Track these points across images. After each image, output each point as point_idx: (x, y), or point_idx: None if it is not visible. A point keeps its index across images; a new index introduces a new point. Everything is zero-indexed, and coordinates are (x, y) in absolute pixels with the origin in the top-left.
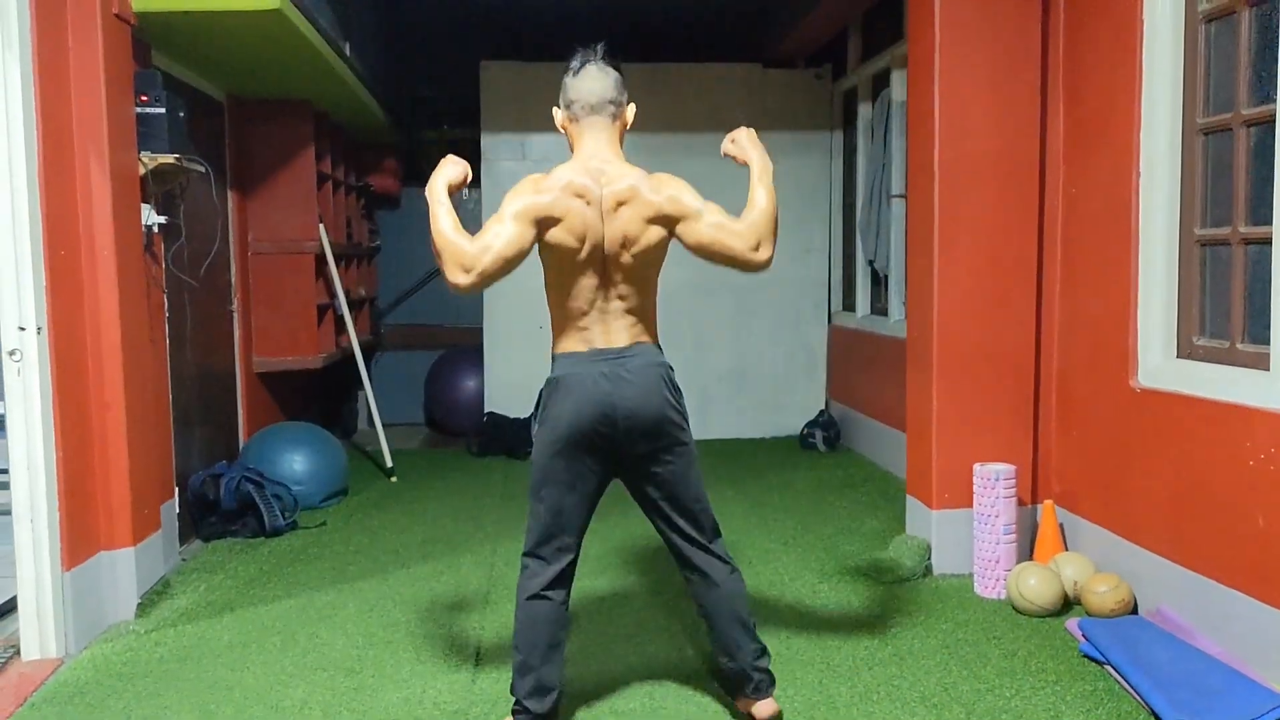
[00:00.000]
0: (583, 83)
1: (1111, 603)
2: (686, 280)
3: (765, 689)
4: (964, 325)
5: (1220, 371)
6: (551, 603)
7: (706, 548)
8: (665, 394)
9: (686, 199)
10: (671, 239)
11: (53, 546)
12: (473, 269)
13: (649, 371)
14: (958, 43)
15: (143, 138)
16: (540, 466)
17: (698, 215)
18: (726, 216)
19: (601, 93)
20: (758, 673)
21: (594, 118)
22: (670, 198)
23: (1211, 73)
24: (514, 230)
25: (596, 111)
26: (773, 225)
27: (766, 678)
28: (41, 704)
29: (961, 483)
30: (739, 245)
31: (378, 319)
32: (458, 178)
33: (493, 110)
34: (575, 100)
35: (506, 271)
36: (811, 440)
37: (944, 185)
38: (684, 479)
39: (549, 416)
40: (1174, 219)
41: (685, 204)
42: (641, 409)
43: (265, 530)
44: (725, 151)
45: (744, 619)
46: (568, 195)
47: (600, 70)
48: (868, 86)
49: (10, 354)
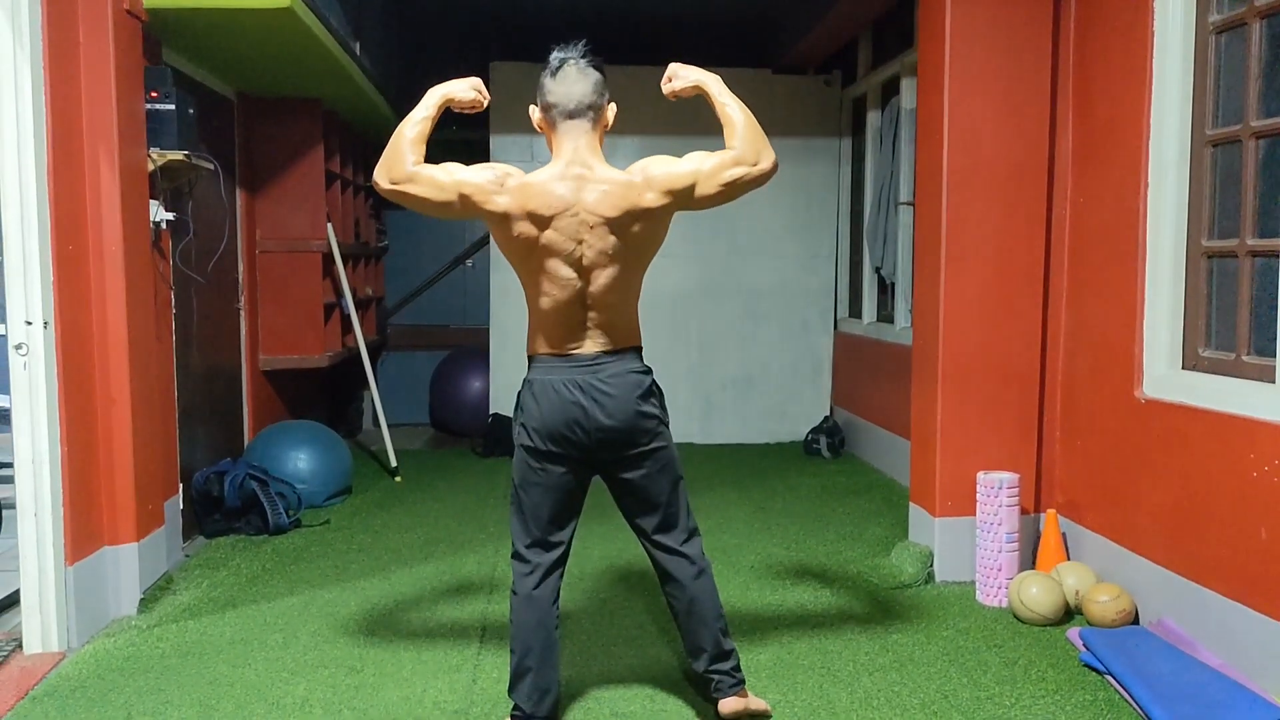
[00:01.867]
0: (561, 85)
1: (1113, 613)
2: (693, 287)
3: (726, 690)
4: (969, 333)
5: (1225, 383)
6: (541, 602)
7: (674, 549)
8: (637, 404)
9: (679, 169)
10: (668, 219)
11: (56, 541)
12: (397, 184)
13: (622, 380)
14: (968, 51)
15: (152, 134)
16: (518, 468)
17: (697, 175)
18: (714, 155)
19: (580, 97)
20: (715, 675)
21: (573, 121)
22: (662, 183)
23: (1221, 84)
24: (448, 185)
25: (575, 116)
26: (759, 129)
27: (726, 679)
28: (43, 697)
29: (965, 490)
30: (747, 171)
31: (384, 319)
32: (465, 97)
33: (502, 111)
34: (554, 104)
35: (417, 208)
36: (816, 446)
37: (952, 193)
38: (655, 482)
39: (523, 420)
40: (1181, 230)
41: (681, 174)
42: (612, 419)
43: (269, 528)
44: (670, 92)
45: (708, 620)
46: (538, 199)
47: (580, 72)
48: (877, 94)
49: (17, 348)
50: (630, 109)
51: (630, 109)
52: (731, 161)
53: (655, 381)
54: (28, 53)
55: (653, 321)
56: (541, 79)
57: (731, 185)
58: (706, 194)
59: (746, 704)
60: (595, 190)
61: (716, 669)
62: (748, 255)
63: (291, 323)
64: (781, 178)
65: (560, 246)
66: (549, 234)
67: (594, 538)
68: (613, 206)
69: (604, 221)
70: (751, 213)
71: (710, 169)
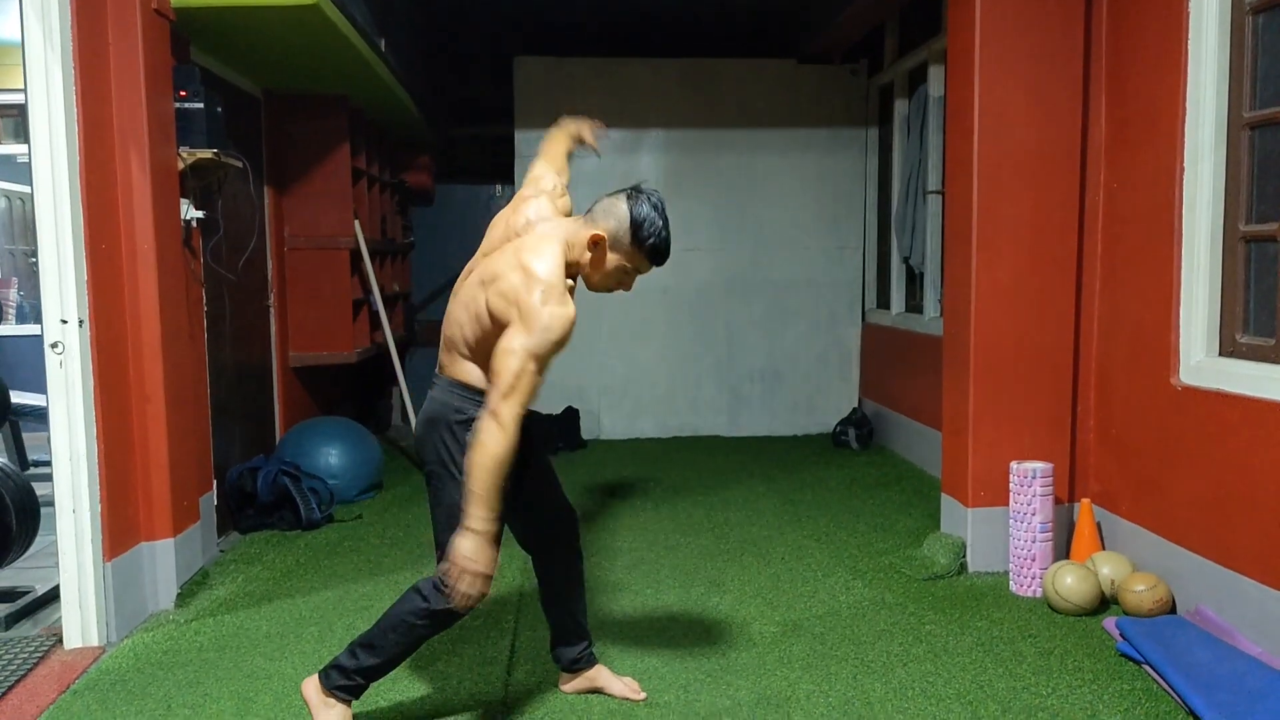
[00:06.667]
0: (664, 257)
1: (1149, 602)
2: (720, 280)
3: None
4: (1002, 322)
5: (1263, 369)
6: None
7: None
8: (427, 425)
9: (514, 314)
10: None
11: (94, 537)
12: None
13: (429, 403)
14: (998, 36)
15: (181, 133)
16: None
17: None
18: (503, 362)
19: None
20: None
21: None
22: (495, 302)
23: (1259, 65)
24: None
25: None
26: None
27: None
28: (84, 691)
29: (997, 480)
30: (490, 403)
31: (411, 315)
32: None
33: (527, 106)
34: (646, 268)
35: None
36: (844, 438)
37: (983, 181)
38: (431, 507)
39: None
40: (1218, 214)
41: (498, 317)
42: (416, 430)
43: (301, 523)
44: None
45: (366, 639)
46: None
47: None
48: (904, 82)
49: (53, 346)
50: (654, 102)
51: (654, 102)
52: (494, 388)
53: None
54: (58, 53)
55: (679, 316)
56: (648, 229)
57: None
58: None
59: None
60: (523, 242)
61: (340, 683)
62: (774, 248)
63: (321, 319)
64: (807, 169)
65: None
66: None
67: (626, 533)
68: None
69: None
70: (778, 205)
71: (495, 365)
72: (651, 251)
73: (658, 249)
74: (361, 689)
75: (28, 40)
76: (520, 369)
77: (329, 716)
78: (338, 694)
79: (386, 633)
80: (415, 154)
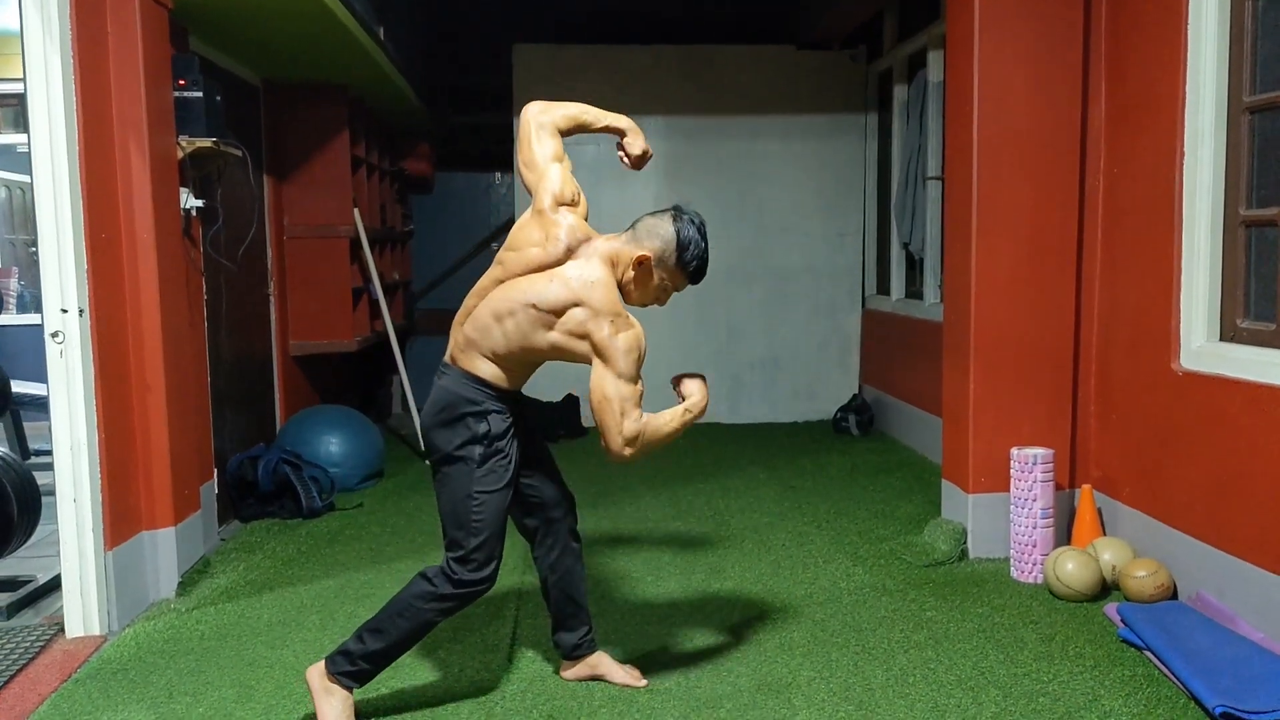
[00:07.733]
0: (703, 277)
1: (1151, 588)
2: (719, 268)
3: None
4: (1002, 308)
5: (1264, 354)
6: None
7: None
8: (439, 415)
9: (587, 348)
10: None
11: (96, 526)
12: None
13: (438, 393)
14: (998, 21)
15: (180, 122)
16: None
17: (593, 367)
18: (604, 392)
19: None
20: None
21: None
22: (569, 340)
23: (1259, 50)
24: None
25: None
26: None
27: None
28: (86, 680)
29: (998, 466)
30: (605, 440)
31: (411, 304)
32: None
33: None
34: (684, 286)
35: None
36: (845, 424)
37: (983, 166)
38: (438, 496)
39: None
40: (1219, 199)
41: (576, 350)
42: (424, 420)
43: (302, 511)
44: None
45: (374, 624)
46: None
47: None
48: (903, 68)
49: (53, 336)
50: (653, 88)
51: (653, 88)
52: (606, 422)
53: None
54: (57, 43)
55: (680, 304)
56: (688, 264)
57: (596, 410)
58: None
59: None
60: (569, 267)
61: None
62: (774, 235)
63: (321, 308)
64: (807, 155)
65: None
66: (517, 239)
67: (626, 518)
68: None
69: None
70: (777, 192)
71: (598, 416)
72: (695, 273)
73: (701, 270)
74: (367, 675)
75: (27, 30)
76: (622, 411)
77: (330, 703)
78: (341, 680)
79: (394, 618)
80: (414, 142)
